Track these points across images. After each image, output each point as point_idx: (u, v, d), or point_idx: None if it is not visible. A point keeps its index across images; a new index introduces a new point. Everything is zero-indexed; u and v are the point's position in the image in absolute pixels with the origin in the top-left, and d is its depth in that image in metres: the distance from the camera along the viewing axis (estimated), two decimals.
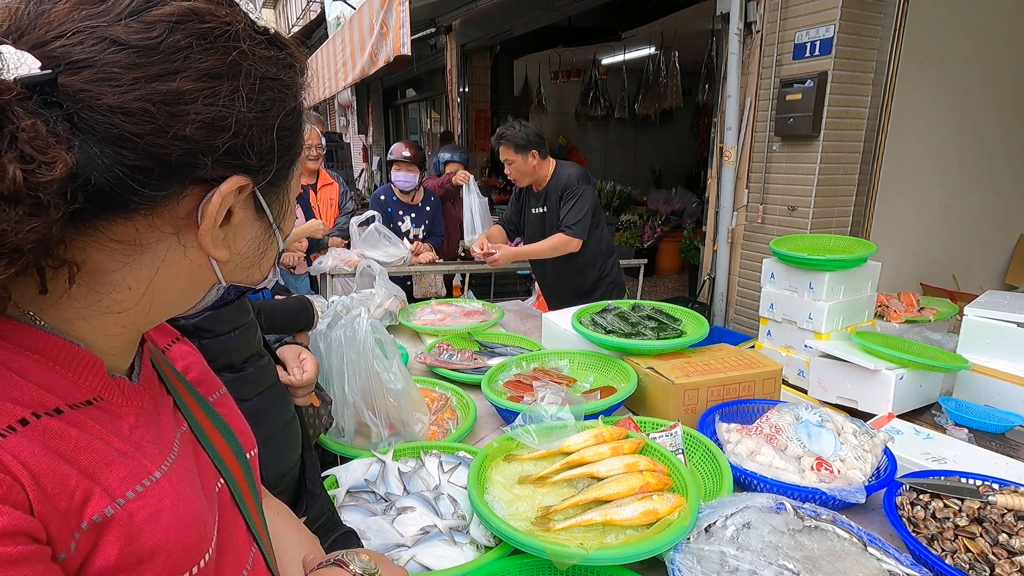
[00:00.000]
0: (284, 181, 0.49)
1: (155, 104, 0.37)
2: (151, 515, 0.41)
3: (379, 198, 3.30)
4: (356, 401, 1.40)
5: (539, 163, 2.56)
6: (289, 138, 0.46)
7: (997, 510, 1.08)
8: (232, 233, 0.46)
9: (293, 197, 0.52)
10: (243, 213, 0.46)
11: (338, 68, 5.36)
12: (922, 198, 4.04)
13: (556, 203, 2.58)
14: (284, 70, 0.45)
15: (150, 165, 0.38)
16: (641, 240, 6.72)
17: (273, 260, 0.52)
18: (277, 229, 0.50)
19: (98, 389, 0.43)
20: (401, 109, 11.05)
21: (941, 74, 3.80)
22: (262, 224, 0.48)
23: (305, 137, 0.51)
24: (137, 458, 0.42)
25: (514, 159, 2.53)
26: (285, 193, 0.50)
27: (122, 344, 0.46)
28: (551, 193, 2.60)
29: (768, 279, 3.36)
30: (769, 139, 3.68)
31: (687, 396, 1.54)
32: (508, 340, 2.23)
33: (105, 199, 0.38)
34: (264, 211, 0.48)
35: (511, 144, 2.50)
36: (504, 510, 1.08)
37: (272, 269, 0.53)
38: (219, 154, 0.41)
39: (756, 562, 0.93)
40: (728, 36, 3.69)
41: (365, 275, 2.56)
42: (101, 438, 0.40)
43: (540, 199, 2.68)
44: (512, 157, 2.53)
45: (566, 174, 2.59)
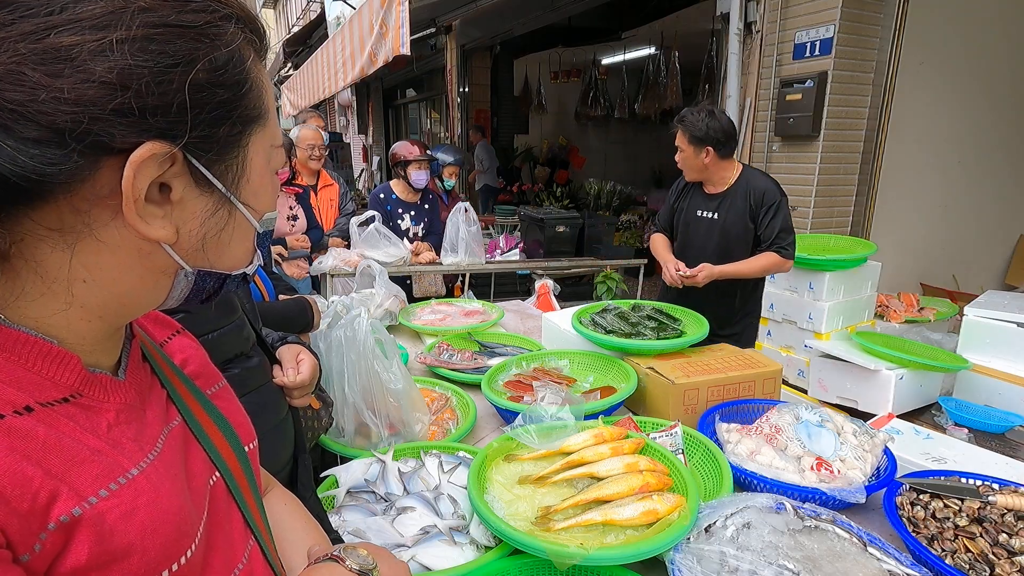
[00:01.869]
0: (235, 148, 0.43)
1: (29, 64, 0.34)
2: (125, 514, 0.40)
3: (378, 197, 3.30)
4: (356, 401, 1.40)
5: (714, 163, 2.21)
6: (224, 96, 0.41)
7: (997, 510, 1.08)
8: (178, 210, 0.42)
9: (262, 168, 0.46)
10: (183, 187, 0.41)
11: (338, 68, 5.36)
12: (922, 198, 4.04)
13: (739, 213, 2.23)
14: (195, 15, 0.39)
15: (43, 136, 0.35)
16: (641, 240, 6.71)
17: (249, 243, 0.48)
18: (239, 204, 0.45)
19: (75, 385, 0.42)
20: (401, 109, 11.05)
21: (941, 74, 3.80)
22: (213, 198, 0.43)
23: (298, 142, 0.48)
24: (112, 456, 0.41)
25: (685, 149, 2.22)
26: (243, 163, 0.44)
27: (98, 339, 0.45)
28: (733, 200, 2.25)
29: (768, 279, 3.36)
30: (769, 139, 3.68)
31: (687, 396, 1.54)
32: (508, 340, 2.23)
33: (13, 185, 0.35)
34: (212, 183, 0.43)
35: (687, 132, 2.19)
36: (504, 510, 1.08)
37: (253, 254, 0.49)
38: (114, 117, 0.36)
39: (756, 562, 0.92)
40: (728, 36, 3.69)
41: (365, 275, 2.56)
42: (73, 436, 0.40)
43: (714, 203, 2.31)
44: (683, 146, 2.22)
45: (761, 182, 2.23)
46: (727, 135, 2.15)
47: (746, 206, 2.22)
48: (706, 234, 2.34)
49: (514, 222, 6.22)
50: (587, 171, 9.12)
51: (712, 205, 2.30)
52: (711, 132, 2.13)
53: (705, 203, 2.33)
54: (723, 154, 2.19)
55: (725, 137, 2.15)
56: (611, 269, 3.82)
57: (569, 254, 3.90)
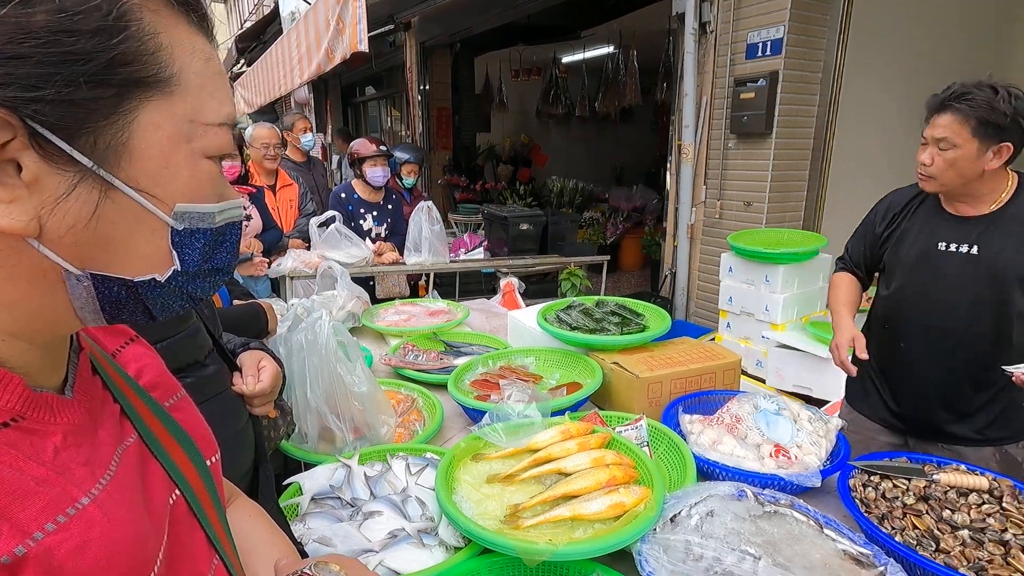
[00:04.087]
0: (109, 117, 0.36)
1: None
2: (75, 548, 0.36)
3: (339, 196, 3.24)
4: (319, 406, 1.37)
5: (994, 170, 1.46)
6: (78, 47, 0.33)
7: (941, 488, 1.14)
8: (36, 195, 0.35)
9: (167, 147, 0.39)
10: (34, 163, 0.34)
11: (293, 65, 5.23)
12: (869, 193, 4.20)
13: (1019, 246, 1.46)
14: None
15: None
16: (604, 237, 6.81)
17: (160, 241, 0.40)
18: (127, 188, 0.37)
19: (17, 408, 0.38)
20: (360, 107, 10.87)
21: (886, 73, 3.98)
22: (76, 178, 0.36)
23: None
24: (60, 485, 0.38)
25: (959, 144, 1.43)
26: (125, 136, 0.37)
27: (30, 358, 0.40)
28: (1008, 227, 1.48)
29: (726, 273, 3.46)
30: (725, 136, 3.78)
31: (651, 389, 1.57)
32: (474, 339, 2.23)
33: None
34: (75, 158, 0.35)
35: (973, 117, 1.40)
36: (473, 510, 1.08)
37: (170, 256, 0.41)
38: None
39: (720, 549, 0.95)
40: (684, 36, 3.77)
41: (326, 277, 2.51)
42: (14, 466, 0.36)
43: (970, 231, 1.53)
44: (956, 138, 1.43)
45: None
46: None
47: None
48: (958, 278, 1.54)
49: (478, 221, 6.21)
50: (549, 169, 9.18)
51: (967, 235, 1.53)
52: (1020, 120, 1.38)
53: (954, 231, 1.56)
54: (1011, 158, 1.45)
55: None
56: (575, 266, 3.85)
57: (533, 252, 3.92)
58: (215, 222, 0.43)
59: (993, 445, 1.57)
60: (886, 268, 1.71)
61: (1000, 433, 1.57)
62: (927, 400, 1.65)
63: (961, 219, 1.55)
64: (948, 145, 1.45)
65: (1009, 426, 1.56)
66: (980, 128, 1.40)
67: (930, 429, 1.66)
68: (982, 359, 1.54)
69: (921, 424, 1.68)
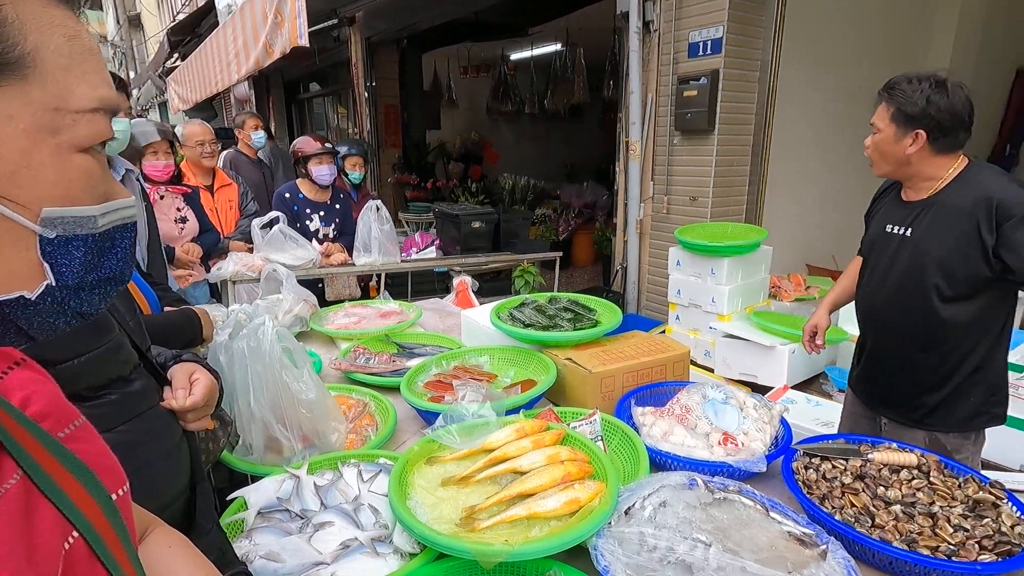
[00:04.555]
0: None
1: None
2: None
3: (283, 196, 3.12)
4: (264, 415, 1.31)
5: (922, 156, 1.53)
6: None
7: (875, 466, 1.20)
8: None
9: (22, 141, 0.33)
10: None
11: (230, 59, 5.01)
12: (806, 186, 4.43)
13: (947, 229, 1.52)
14: None
15: None
16: (556, 233, 6.86)
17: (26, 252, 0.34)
18: None
19: None
20: (305, 104, 10.54)
21: (819, 71, 4.18)
22: None
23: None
24: None
25: (882, 129, 1.56)
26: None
27: None
28: (939, 212, 1.54)
29: (674, 266, 3.56)
30: (670, 133, 3.88)
31: (604, 384, 1.59)
32: (427, 340, 2.19)
33: None
34: None
35: (893, 105, 1.52)
36: (428, 514, 1.06)
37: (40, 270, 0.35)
38: None
39: (672, 538, 0.97)
40: (628, 34, 3.83)
41: (271, 280, 2.41)
42: None
43: (910, 214, 1.60)
44: (882, 124, 1.56)
45: (993, 186, 1.47)
46: (958, 121, 1.48)
47: (965, 222, 1.48)
48: (892, 259, 1.63)
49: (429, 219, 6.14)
50: (501, 166, 9.18)
51: (907, 217, 1.61)
52: (932, 111, 1.47)
53: (899, 214, 1.64)
54: (940, 147, 1.51)
55: (953, 123, 1.48)
56: (528, 263, 3.87)
57: (486, 250, 3.90)
58: (97, 226, 0.37)
59: (927, 429, 1.64)
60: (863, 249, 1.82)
61: (938, 420, 1.63)
62: (875, 376, 1.77)
63: (905, 203, 1.64)
64: (876, 130, 1.59)
65: (948, 417, 1.61)
66: (898, 115, 1.52)
67: (883, 404, 1.77)
68: (918, 340, 1.61)
69: (875, 398, 1.79)
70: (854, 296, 1.83)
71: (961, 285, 1.51)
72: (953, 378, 1.58)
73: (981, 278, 1.48)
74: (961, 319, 1.53)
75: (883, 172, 1.64)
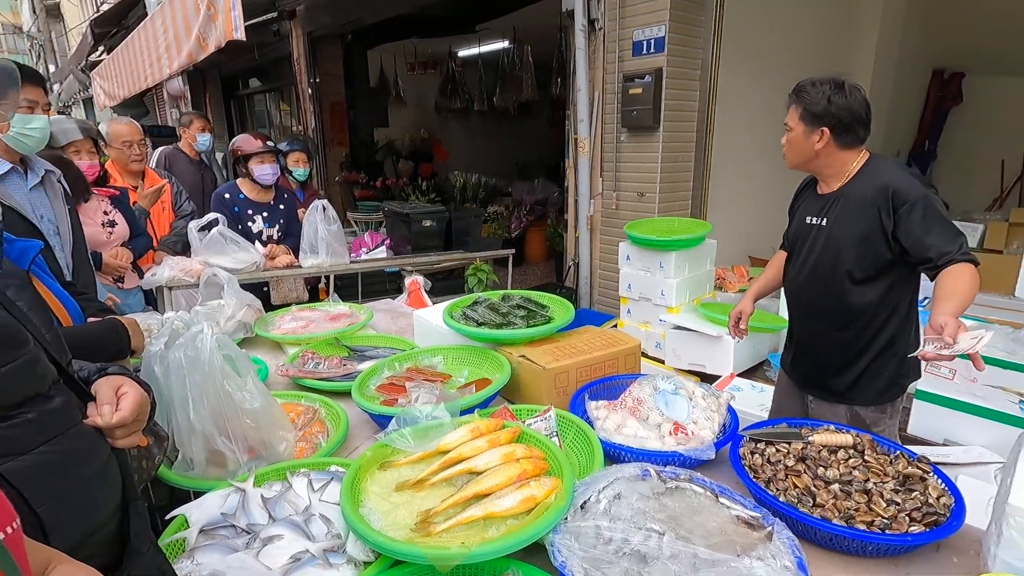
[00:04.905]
0: None
1: None
2: None
3: (222, 197, 2.98)
4: (205, 428, 1.25)
5: (828, 151, 1.66)
6: None
7: (815, 448, 1.26)
8: None
9: None
10: None
11: (160, 53, 4.75)
12: (747, 181, 4.60)
13: (855, 218, 1.64)
14: None
15: None
16: (508, 231, 6.88)
17: None
18: None
19: None
20: (245, 100, 10.13)
21: (755, 71, 4.34)
22: None
23: None
24: None
25: (793, 127, 1.69)
26: None
27: None
28: (846, 202, 1.67)
29: (625, 261, 3.62)
30: (617, 130, 3.94)
31: (558, 379, 1.60)
32: (379, 342, 2.15)
33: None
34: None
35: (800, 105, 1.66)
36: (382, 521, 1.03)
37: None
38: None
39: (627, 530, 0.98)
40: (574, 32, 3.87)
41: (211, 285, 2.30)
42: None
43: (822, 206, 1.73)
44: (792, 123, 1.69)
45: (889, 177, 1.60)
46: (856, 118, 1.62)
47: (869, 210, 1.61)
48: (811, 247, 1.76)
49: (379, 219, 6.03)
50: (451, 164, 9.11)
51: (820, 209, 1.74)
52: (835, 112, 1.60)
53: (813, 206, 1.78)
54: (844, 142, 1.65)
55: (852, 120, 1.61)
56: (481, 261, 3.85)
57: (438, 248, 3.86)
58: None
59: (847, 404, 1.79)
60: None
61: (856, 395, 1.77)
62: (801, 357, 1.91)
63: (820, 196, 1.78)
64: (788, 128, 1.72)
65: (866, 391, 1.76)
66: (805, 115, 1.66)
67: (808, 383, 1.91)
68: (836, 320, 1.74)
69: (803, 378, 1.93)
70: (776, 286, 1.98)
71: (869, 268, 1.64)
72: (867, 354, 1.72)
73: (885, 260, 1.62)
74: (871, 299, 1.67)
75: (794, 165, 1.77)
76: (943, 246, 1.51)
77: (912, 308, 1.73)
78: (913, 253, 1.56)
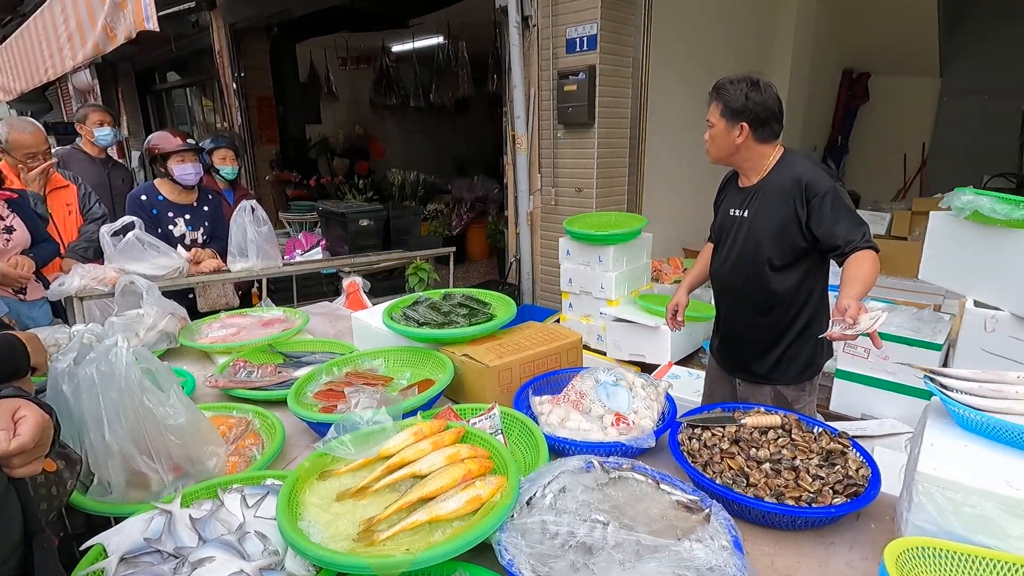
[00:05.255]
0: None
1: None
2: None
3: (138, 199, 2.78)
4: (124, 448, 1.16)
5: (748, 144, 1.76)
6: None
7: (747, 430, 1.32)
8: None
9: None
10: None
11: (62, 44, 4.37)
12: (679, 175, 4.77)
13: (773, 209, 1.75)
14: None
15: None
16: (449, 228, 6.82)
17: None
18: None
19: None
20: (163, 95, 9.51)
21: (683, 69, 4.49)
22: None
23: None
24: None
25: (716, 123, 1.77)
26: None
27: None
28: (765, 194, 1.78)
29: (565, 256, 3.67)
30: (554, 127, 3.98)
31: (501, 377, 1.60)
32: (316, 347, 2.07)
33: None
34: None
35: (721, 102, 1.75)
36: (322, 533, 0.99)
37: None
38: None
39: (573, 522, 0.99)
40: (508, 29, 3.87)
41: (128, 294, 2.15)
42: None
43: (744, 199, 1.84)
44: (714, 119, 1.78)
45: (802, 170, 1.72)
46: (772, 114, 1.73)
47: (785, 201, 1.73)
48: (735, 238, 1.86)
49: (314, 219, 5.82)
50: (389, 161, 8.92)
51: (742, 201, 1.85)
52: (753, 107, 1.71)
53: (736, 199, 1.88)
54: (761, 136, 1.75)
55: (767, 115, 1.73)
56: (421, 260, 3.80)
57: (376, 248, 3.77)
58: None
59: (771, 384, 1.91)
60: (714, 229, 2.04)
61: (778, 375, 1.89)
62: (728, 342, 2.03)
63: (742, 189, 1.88)
64: (710, 124, 1.81)
65: (787, 372, 1.88)
66: (725, 111, 1.76)
67: (736, 367, 2.01)
68: (758, 306, 1.85)
69: (731, 363, 2.04)
70: (707, 277, 2.07)
71: (787, 255, 1.76)
72: (787, 337, 1.85)
73: (800, 248, 1.74)
74: (790, 284, 1.79)
75: (716, 160, 1.87)
76: (849, 234, 1.64)
77: (825, 293, 1.87)
78: (824, 241, 1.68)
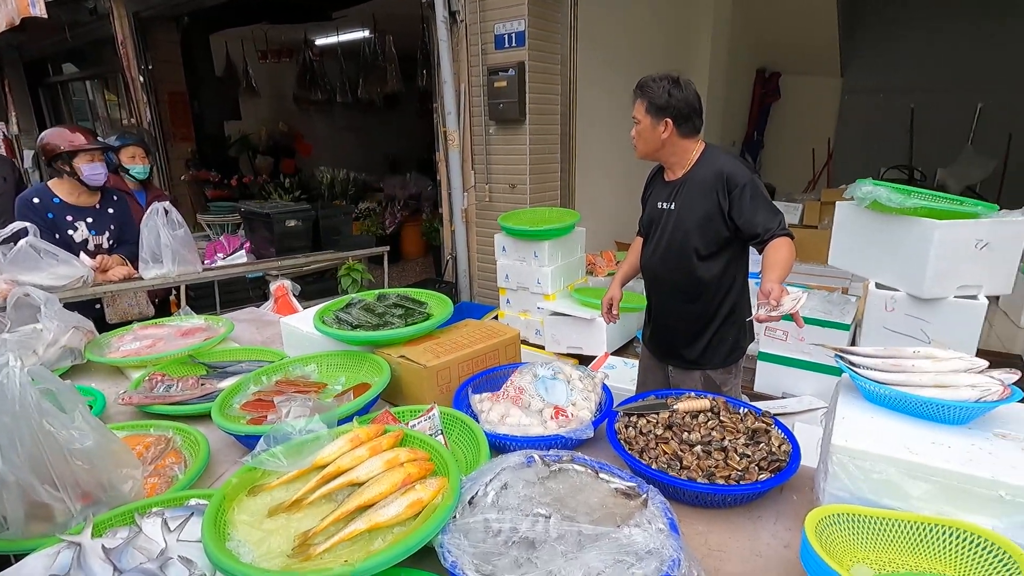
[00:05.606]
0: None
1: None
2: None
3: (30, 203, 2.52)
4: (21, 477, 1.05)
5: (673, 140, 1.84)
6: None
7: (680, 415, 1.37)
8: None
9: None
10: None
11: None
12: (609, 170, 4.89)
13: (697, 201, 1.84)
14: None
15: None
16: (383, 227, 6.67)
17: None
18: None
19: None
20: (59, 89, 8.70)
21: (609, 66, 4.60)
22: None
23: None
24: None
25: (642, 120, 1.83)
26: None
27: None
28: (690, 187, 1.86)
29: (501, 252, 3.68)
30: (485, 123, 3.97)
31: (440, 376, 1.58)
32: (242, 355, 1.96)
33: None
34: None
35: (645, 99, 1.81)
36: (253, 552, 0.94)
37: None
38: None
39: (515, 518, 0.99)
40: (436, 24, 3.82)
41: (22, 307, 1.95)
42: None
43: (670, 192, 1.91)
44: (640, 116, 1.83)
45: (722, 163, 1.82)
46: (693, 110, 1.82)
47: (709, 193, 1.82)
48: (663, 229, 1.94)
49: (236, 220, 5.53)
50: (317, 159, 8.61)
51: (669, 195, 1.93)
52: (676, 104, 1.79)
53: (662, 193, 1.96)
54: (684, 131, 1.83)
55: (690, 111, 1.81)
56: (354, 260, 3.69)
57: (305, 249, 3.63)
58: None
59: (700, 369, 2.00)
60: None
61: (707, 360, 1.98)
62: (660, 331, 2.10)
63: (667, 183, 1.96)
64: (636, 121, 1.87)
65: (714, 356, 1.97)
66: (650, 107, 1.82)
67: (667, 354, 2.09)
68: (687, 294, 1.93)
69: (662, 350, 2.12)
70: (639, 270, 2.14)
71: (712, 244, 1.85)
72: (713, 323, 1.95)
73: (723, 237, 1.84)
74: (715, 272, 1.88)
75: (643, 155, 1.94)
76: (767, 223, 1.75)
77: (746, 280, 1.99)
78: (744, 230, 1.79)
